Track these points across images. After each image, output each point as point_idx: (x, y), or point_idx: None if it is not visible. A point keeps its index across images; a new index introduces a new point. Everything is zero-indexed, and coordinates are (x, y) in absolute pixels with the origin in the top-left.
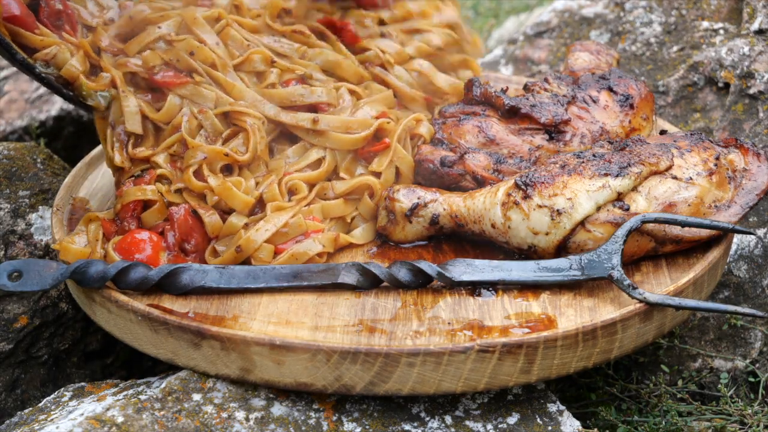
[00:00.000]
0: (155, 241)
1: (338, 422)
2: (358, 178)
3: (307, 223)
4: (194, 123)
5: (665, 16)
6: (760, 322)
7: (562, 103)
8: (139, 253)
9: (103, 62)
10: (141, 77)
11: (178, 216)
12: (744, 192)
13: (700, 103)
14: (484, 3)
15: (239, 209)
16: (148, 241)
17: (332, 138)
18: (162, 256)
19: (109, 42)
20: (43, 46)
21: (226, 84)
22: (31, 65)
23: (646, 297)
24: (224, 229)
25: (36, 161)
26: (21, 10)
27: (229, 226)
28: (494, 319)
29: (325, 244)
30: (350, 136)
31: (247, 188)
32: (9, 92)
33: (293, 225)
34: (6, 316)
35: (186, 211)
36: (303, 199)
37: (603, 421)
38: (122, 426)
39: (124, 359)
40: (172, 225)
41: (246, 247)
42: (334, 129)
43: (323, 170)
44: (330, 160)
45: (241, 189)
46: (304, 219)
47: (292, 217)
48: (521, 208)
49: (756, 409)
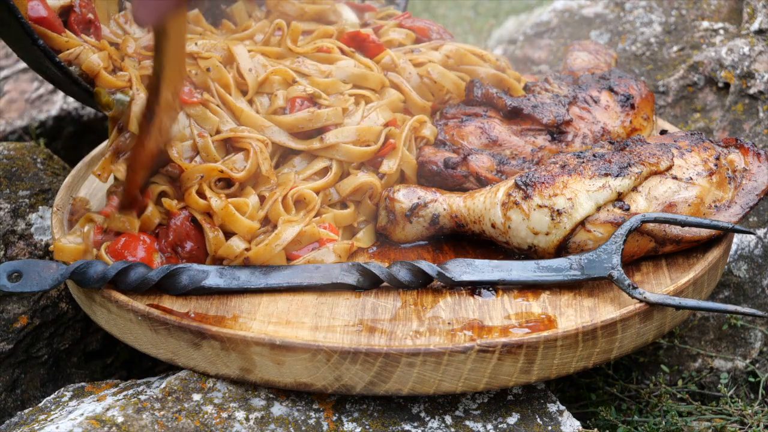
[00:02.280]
0: (148, 243)
1: (338, 422)
2: (360, 178)
3: (321, 232)
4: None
5: (665, 16)
6: (760, 322)
7: (563, 103)
8: (132, 255)
9: (124, 64)
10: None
11: (175, 222)
12: (744, 192)
13: (700, 103)
14: (484, 3)
15: (241, 234)
16: (141, 243)
17: (342, 150)
18: (156, 258)
19: (136, 49)
20: (68, 47)
21: (234, 108)
22: (50, 52)
23: (646, 297)
24: (223, 250)
25: (36, 161)
26: (48, 14)
27: (228, 249)
28: (494, 319)
29: (341, 254)
30: (361, 149)
31: (252, 212)
32: (9, 92)
33: (307, 233)
34: (6, 316)
35: (185, 217)
36: (312, 210)
37: (603, 421)
38: (122, 426)
39: (124, 359)
40: (168, 228)
41: (256, 261)
42: (344, 141)
43: (330, 179)
44: (337, 170)
45: (247, 212)
46: (318, 227)
47: (306, 226)
48: (521, 208)
49: (756, 409)
